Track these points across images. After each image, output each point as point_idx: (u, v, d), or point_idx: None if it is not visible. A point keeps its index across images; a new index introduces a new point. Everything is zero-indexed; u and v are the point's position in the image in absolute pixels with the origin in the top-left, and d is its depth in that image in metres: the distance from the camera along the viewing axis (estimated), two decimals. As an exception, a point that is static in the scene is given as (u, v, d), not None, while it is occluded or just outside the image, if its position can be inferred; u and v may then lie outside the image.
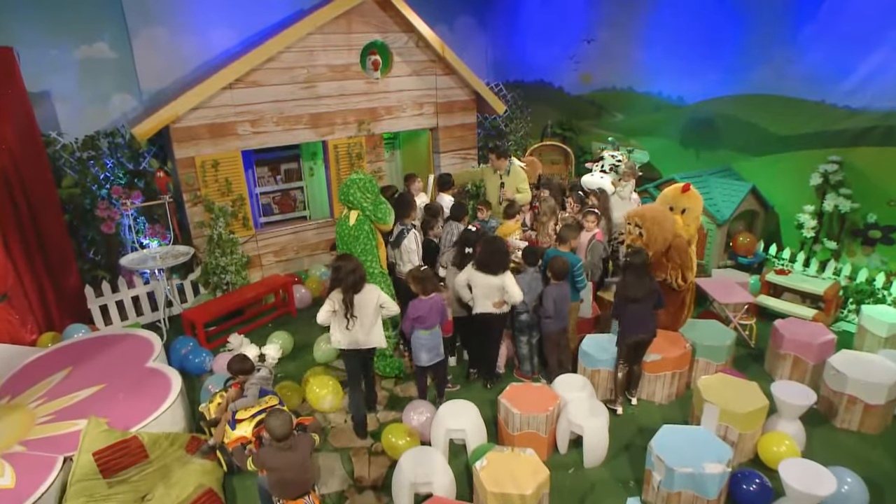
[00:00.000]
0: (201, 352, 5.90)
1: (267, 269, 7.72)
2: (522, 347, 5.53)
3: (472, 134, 9.06)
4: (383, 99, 8.02)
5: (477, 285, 5.12)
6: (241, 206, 7.29)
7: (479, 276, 5.08)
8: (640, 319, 4.78)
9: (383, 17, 7.68)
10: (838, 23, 6.37)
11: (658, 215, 5.27)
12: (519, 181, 7.10)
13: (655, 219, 5.24)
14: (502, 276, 5.01)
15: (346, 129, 7.82)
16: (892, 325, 5.62)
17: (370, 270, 5.27)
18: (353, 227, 5.23)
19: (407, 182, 7.34)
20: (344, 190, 5.26)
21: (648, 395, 5.27)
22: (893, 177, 6.33)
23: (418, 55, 8.13)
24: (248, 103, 7.06)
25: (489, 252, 5.01)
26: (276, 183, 8.40)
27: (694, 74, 7.83)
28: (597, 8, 8.92)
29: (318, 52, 7.33)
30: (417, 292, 4.85)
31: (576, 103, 9.66)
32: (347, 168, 7.92)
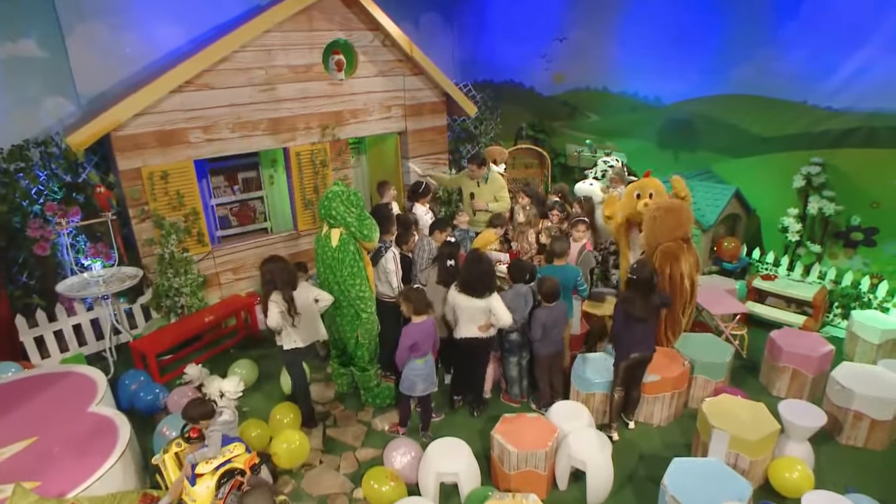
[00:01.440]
0: (154, 387, 5.28)
1: (226, 289, 7.09)
2: (511, 370, 5.13)
3: (442, 137, 8.62)
4: (348, 101, 7.49)
5: (460, 308, 4.69)
6: (195, 220, 6.64)
7: (462, 299, 4.65)
8: (642, 338, 4.44)
9: (347, 13, 7.15)
10: (821, 22, 6.22)
11: (670, 213, 4.96)
12: (497, 188, 6.72)
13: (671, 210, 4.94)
14: (489, 298, 4.59)
15: (309, 135, 7.26)
16: (884, 331, 5.50)
17: (360, 295, 4.78)
18: (336, 248, 4.70)
19: (381, 190, 6.84)
20: (325, 204, 4.73)
21: (646, 418, 4.96)
22: (876, 179, 6.22)
23: (385, 54, 7.63)
24: (201, 108, 6.42)
25: (474, 273, 4.58)
26: (233, 193, 7.76)
27: (671, 74, 7.60)
28: (569, 5, 8.61)
29: (276, 51, 6.74)
30: (408, 315, 4.40)
31: (548, 104, 9.35)
32: (311, 176, 7.36)
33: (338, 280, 4.82)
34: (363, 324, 4.93)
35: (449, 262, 5.02)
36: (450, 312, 4.85)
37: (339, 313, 4.99)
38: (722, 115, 7.24)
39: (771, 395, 5.25)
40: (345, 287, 4.79)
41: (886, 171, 6.11)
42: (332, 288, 4.89)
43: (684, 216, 5.00)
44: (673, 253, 4.98)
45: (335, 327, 5.15)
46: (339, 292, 4.88)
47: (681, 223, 4.97)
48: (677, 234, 4.98)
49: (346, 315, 4.97)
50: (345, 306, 4.93)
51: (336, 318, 5.05)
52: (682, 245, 5.00)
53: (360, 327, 4.96)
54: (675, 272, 5.01)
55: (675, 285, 5.05)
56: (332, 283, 4.88)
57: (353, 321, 4.99)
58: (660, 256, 5.03)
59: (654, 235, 5.05)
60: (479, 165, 6.64)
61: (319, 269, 4.99)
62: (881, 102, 5.99)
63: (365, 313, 4.88)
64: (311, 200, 7.43)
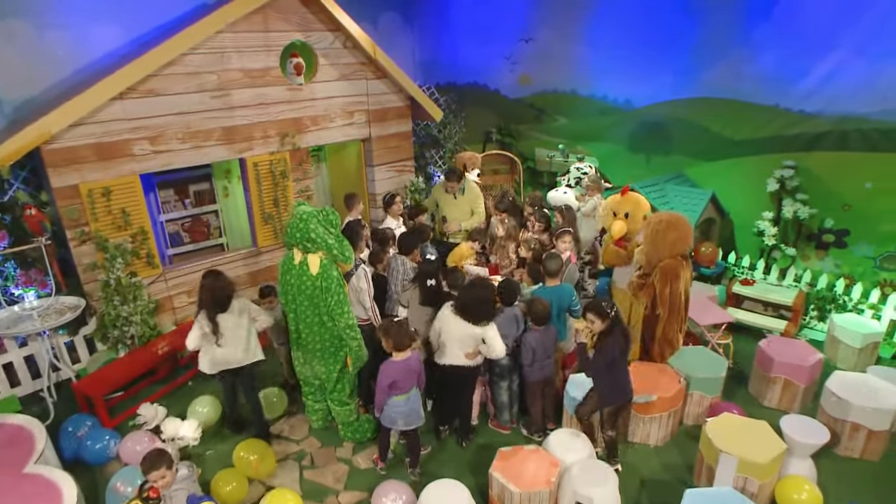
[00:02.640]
0: (103, 434, 4.70)
1: (181, 313, 6.49)
2: (501, 395, 4.83)
3: (407, 143, 8.23)
4: (309, 108, 7.01)
5: (450, 332, 4.35)
6: (144, 240, 6.02)
7: (456, 323, 4.30)
8: (627, 379, 4.23)
9: (305, 13, 6.66)
10: (792, 26, 6.21)
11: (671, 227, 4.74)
12: (473, 198, 6.41)
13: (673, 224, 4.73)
14: (485, 326, 4.27)
15: (268, 144, 6.74)
16: (866, 335, 5.51)
17: (350, 323, 4.33)
18: (318, 275, 4.23)
19: (349, 204, 6.40)
20: (300, 227, 4.21)
21: (643, 438, 4.76)
22: (847, 181, 6.27)
23: (346, 57, 7.18)
24: (146, 116, 5.81)
25: (474, 298, 4.25)
26: (184, 208, 7.15)
27: (642, 76, 7.49)
28: (535, 5, 8.39)
29: (230, 53, 6.19)
30: (388, 350, 4.01)
31: (514, 107, 9.11)
32: (271, 189, 6.84)
33: (320, 312, 4.35)
34: (353, 352, 4.48)
35: (429, 282, 4.67)
36: (435, 335, 4.50)
37: (318, 347, 4.51)
38: (694, 119, 7.18)
39: (762, 406, 5.16)
40: (333, 317, 4.32)
41: (857, 174, 6.16)
42: (312, 322, 4.40)
43: (686, 230, 4.79)
44: (674, 270, 4.77)
45: (310, 362, 4.67)
46: (320, 325, 4.42)
47: (683, 238, 4.76)
48: (678, 249, 4.77)
49: (327, 348, 4.51)
50: (326, 339, 4.47)
51: (316, 353, 4.56)
52: (681, 262, 4.80)
53: (350, 356, 4.52)
54: (675, 290, 4.81)
55: (674, 303, 4.86)
56: (310, 315, 4.39)
57: (337, 353, 4.54)
58: (660, 274, 4.81)
59: (656, 251, 4.80)
60: (457, 180, 6.32)
61: (293, 303, 4.44)
62: (851, 106, 6.03)
63: (355, 341, 4.42)
64: (271, 214, 6.92)
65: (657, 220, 4.88)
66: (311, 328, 4.45)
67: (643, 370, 4.85)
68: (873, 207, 6.13)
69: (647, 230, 4.97)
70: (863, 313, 6.04)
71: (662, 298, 4.91)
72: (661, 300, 4.92)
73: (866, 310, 6.03)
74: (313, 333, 4.47)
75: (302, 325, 4.49)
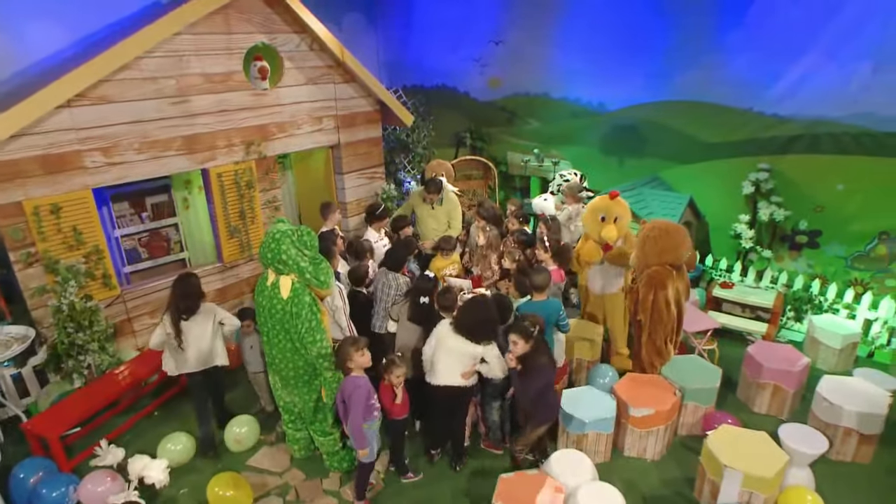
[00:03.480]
0: (60, 479, 4.23)
1: (142, 337, 6.02)
2: (493, 414, 4.64)
3: (377, 149, 7.94)
4: (275, 114, 6.63)
5: (448, 350, 4.13)
6: (99, 260, 5.54)
7: (455, 341, 4.09)
8: (556, 398, 4.31)
9: (269, 14, 6.29)
10: (764, 31, 6.25)
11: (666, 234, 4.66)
12: (451, 209, 6.21)
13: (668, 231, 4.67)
14: (486, 346, 4.07)
15: (232, 153, 6.33)
16: (845, 336, 5.59)
17: (322, 352, 4.03)
18: (289, 300, 3.92)
19: (324, 214, 6.08)
20: (272, 247, 3.92)
21: (639, 453, 4.66)
22: (819, 183, 6.37)
23: (313, 60, 6.84)
24: (98, 125, 5.34)
25: (478, 319, 4.06)
26: (141, 222, 6.66)
27: (615, 80, 7.44)
28: (505, 6, 8.22)
29: (189, 57, 5.77)
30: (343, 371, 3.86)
31: (485, 110, 8.94)
32: (236, 200, 6.43)
33: (292, 338, 4.05)
34: (328, 383, 4.20)
35: (422, 299, 4.44)
36: (429, 353, 4.27)
37: (292, 375, 4.20)
38: (668, 122, 7.17)
39: (753, 413, 5.15)
40: (303, 345, 4.04)
41: (829, 177, 6.26)
42: (284, 347, 4.11)
43: (679, 240, 4.70)
44: (660, 279, 4.69)
45: (287, 389, 4.36)
46: (293, 351, 4.12)
47: (675, 246, 4.67)
48: (667, 258, 4.69)
49: (301, 376, 4.21)
50: (300, 366, 4.18)
51: (289, 380, 4.24)
52: (670, 271, 4.72)
53: (324, 387, 4.24)
54: (658, 298, 4.72)
55: (657, 312, 4.78)
56: (283, 341, 4.09)
57: (311, 382, 4.25)
58: (645, 280, 4.72)
59: (645, 256, 4.72)
60: (437, 192, 6.10)
61: (265, 326, 4.15)
62: (824, 110, 6.12)
63: (329, 371, 4.14)
64: (238, 228, 6.52)
65: (652, 227, 4.80)
66: (283, 353, 4.16)
67: (638, 383, 4.76)
68: (845, 209, 6.25)
69: (640, 235, 4.90)
70: (838, 313, 6.16)
71: (644, 304, 4.84)
72: (643, 306, 4.85)
73: (841, 309, 6.15)
74: (286, 360, 4.17)
75: (275, 349, 4.19)
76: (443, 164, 7.48)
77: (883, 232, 6.13)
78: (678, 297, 4.81)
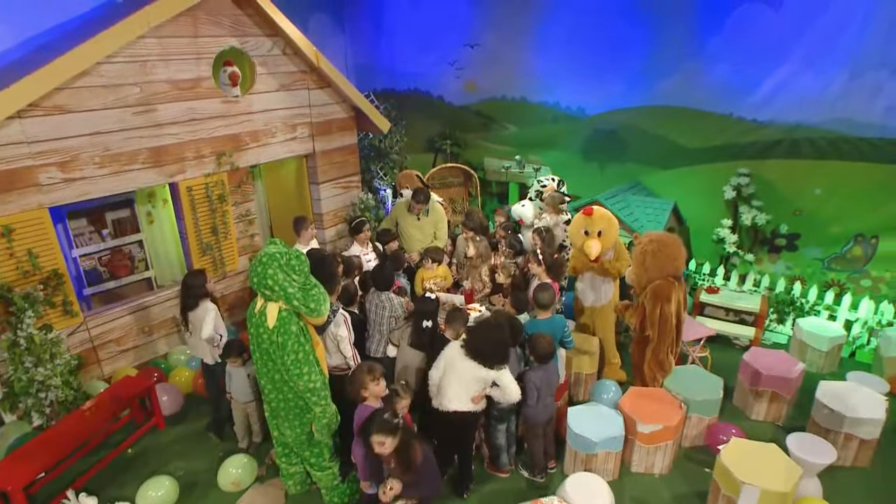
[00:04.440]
0: (28, 537, 3.80)
1: (109, 366, 5.56)
2: (499, 437, 4.46)
3: (353, 158, 7.63)
4: (247, 122, 6.25)
5: (458, 374, 3.92)
6: (58, 285, 5.05)
7: (465, 366, 3.88)
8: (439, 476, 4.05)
9: (239, 16, 5.91)
10: (745, 37, 6.31)
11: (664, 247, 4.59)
12: (437, 221, 6.00)
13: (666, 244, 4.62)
14: (499, 370, 3.88)
15: (203, 165, 5.92)
16: (831, 338, 5.69)
17: (310, 387, 3.72)
18: (274, 329, 3.62)
19: (297, 228, 5.75)
20: (259, 271, 3.60)
21: (647, 468, 4.58)
22: (798, 188, 6.50)
23: (286, 65, 6.49)
24: (53, 138, 4.86)
25: (491, 342, 3.84)
26: (102, 240, 6.14)
27: (595, 84, 7.40)
28: (480, 9, 8.05)
29: (154, 62, 5.34)
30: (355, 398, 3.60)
31: (460, 114, 8.76)
32: (208, 215, 6.02)
33: (279, 369, 3.75)
34: (318, 419, 3.90)
35: (425, 323, 4.22)
36: (436, 378, 4.05)
37: (282, 406, 3.90)
38: (649, 127, 7.18)
39: (751, 420, 5.17)
40: (289, 377, 3.72)
41: (808, 181, 6.39)
42: (272, 378, 3.79)
43: (678, 251, 4.65)
44: (665, 292, 4.62)
45: (277, 421, 4.04)
46: (282, 382, 3.80)
47: (675, 258, 4.62)
48: (668, 270, 4.63)
49: (291, 409, 3.90)
50: (290, 398, 3.87)
51: (279, 412, 3.93)
52: (673, 283, 4.66)
53: (314, 423, 3.94)
54: (665, 312, 4.66)
55: (665, 325, 4.72)
56: (271, 371, 3.78)
57: (303, 415, 3.94)
58: (651, 295, 4.64)
59: (646, 271, 4.64)
60: (424, 202, 5.87)
61: (255, 355, 3.84)
62: (802, 116, 6.23)
63: (319, 407, 3.83)
64: (210, 244, 6.11)
65: (648, 241, 4.72)
66: (273, 384, 3.85)
67: (642, 397, 4.68)
68: (822, 212, 6.40)
69: (637, 250, 4.81)
70: (819, 314, 6.29)
71: (652, 320, 4.77)
72: (651, 322, 4.78)
73: (822, 311, 6.28)
74: (276, 391, 3.86)
75: (264, 379, 3.88)
76: (411, 175, 7.20)
77: (858, 234, 6.31)
78: (679, 309, 4.76)
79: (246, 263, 6.59)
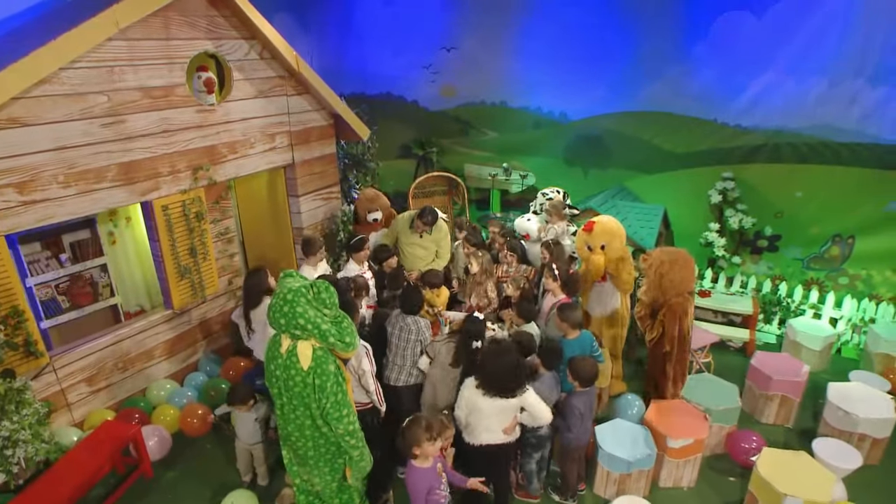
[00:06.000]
0: None
1: (79, 409, 4.94)
2: (532, 464, 4.27)
3: (332, 168, 7.21)
4: (223, 132, 5.73)
5: (481, 412, 3.68)
6: (20, 323, 4.42)
7: (485, 402, 3.65)
8: None
9: (215, 17, 5.40)
10: (728, 45, 6.42)
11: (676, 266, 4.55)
12: (441, 238, 5.74)
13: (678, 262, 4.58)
14: (522, 394, 3.67)
15: (178, 181, 5.37)
16: (825, 338, 5.87)
17: (349, 429, 3.38)
18: (310, 370, 3.25)
19: (307, 251, 5.35)
20: (284, 310, 3.20)
21: (675, 482, 4.53)
22: (779, 191, 6.70)
23: (264, 70, 6.01)
24: (8, 155, 4.22)
25: (503, 370, 3.59)
26: (60, 265, 5.47)
27: (578, 89, 7.36)
28: (456, 12, 7.83)
29: (123, 67, 4.76)
30: (405, 453, 3.30)
31: (436, 119, 8.51)
32: (185, 236, 5.48)
33: (312, 414, 3.38)
34: (354, 462, 3.57)
35: (475, 344, 4.00)
36: (462, 416, 3.81)
37: (311, 454, 3.54)
38: (633, 132, 7.21)
39: (760, 423, 5.24)
40: (328, 421, 3.37)
41: (789, 184, 6.59)
42: (302, 424, 3.41)
43: (691, 267, 4.65)
44: (683, 308, 4.59)
45: (304, 468, 3.66)
46: (313, 428, 3.45)
47: (688, 275, 4.61)
48: (684, 287, 4.61)
49: (322, 455, 3.55)
50: (321, 445, 3.52)
51: (308, 460, 3.57)
52: (688, 297, 4.64)
53: (349, 466, 3.61)
54: (683, 327, 4.63)
55: (682, 340, 4.69)
56: (301, 417, 3.40)
57: (335, 461, 3.60)
58: (670, 313, 4.60)
59: (664, 292, 4.60)
60: (432, 222, 5.59)
61: (279, 398, 3.44)
62: (783, 121, 6.43)
63: (356, 450, 3.50)
64: (189, 267, 5.56)
65: (660, 262, 4.67)
66: (301, 431, 3.47)
67: (666, 411, 4.62)
68: (803, 214, 6.63)
69: (651, 272, 4.76)
70: (804, 313, 6.50)
71: (671, 337, 4.74)
72: (670, 338, 4.75)
73: (807, 309, 6.50)
74: (305, 438, 3.49)
75: (291, 425, 3.50)
76: (376, 196, 6.71)
77: (836, 234, 6.57)
78: (690, 320, 4.76)
79: (226, 285, 6.08)
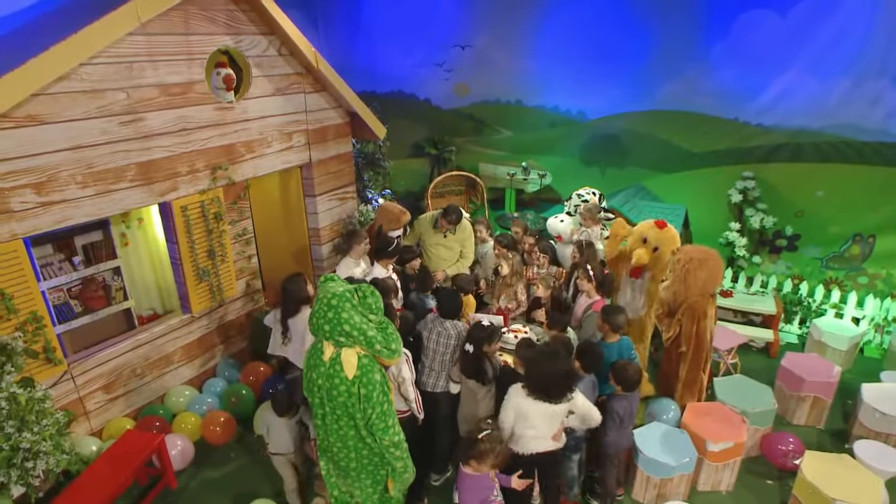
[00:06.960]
0: None
1: (97, 417, 4.78)
2: (572, 469, 4.18)
3: (349, 167, 7.06)
4: (242, 131, 5.57)
5: (530, 418, 3.58)
6: (38, 329, 4.25)
7: (535, 407, 3.55)
8: None
9: (233, 11, 5.25)
10: (749, 43, 6.36)
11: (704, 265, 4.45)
12: (465, 239, 5.63)
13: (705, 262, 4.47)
14: (571, 399, 3.57)
15: (196, 181, 5.21)
16: (850, 338, 5.84)
17: (395, 441, 3.27)
18: (356, 379, 3.12)
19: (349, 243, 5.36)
20: (328, 316, 3.07)
21: (714, 486, 4.47)
22: (801, 190, 6.67)
23: (282, 67, 5.87)
24: (26, 155, 4.05)
25: (554, 376, 3.49)
26: (73, 268, 5.28)
27: (596, 88, 7.27)
28: (470, 9, 7.71)
29: (142, 64, 4.60)
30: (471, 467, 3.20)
31: (450, 118, 8.39)
32: (204, 237, 5.32)
33: (357, 424, 3.26)
34: (397, 474, 3.45)
35: (468, 346, 3.95)
36: (507, 425, 3.69)
37: (353, 466, 3.41)
38: (652, 131, 7.15)
39: (792, 425, 5.20)
40: (374, 431, 3.26)
41: (810, 183, 6.56)
42: (346, 434, 3.29)
43: (718, 268, 4.56)
44: (702, 309, 4.51)
45: (345, 480, 3.53)
46: (356, 439, 3.32)
47: (714, 276, 4.53)
48: (710, 288, 4.54)
49: (364, 466, 3.43)
50: (364, 456, 3.40)
51: (350, 472, 3.45)
52: (710, 299, 4.57)
53: (392, 477, 3.49)
54: (702, 328, 4.56)
55: (700, 342, 4.61)
56: (344, 427, 3.28)
57: (377, 472, 3.48)
58: (689, 312, 4.53)
59: (687, 290, 4.51)
60: (456, 221, 5.48)
61: (320, 408, 3.30)
62: (804, 121, 6.39)
63: (400, 462, 3.40)
64: (207, 269, 5.40)
65: (688, 259, 4.57)
66: (343, 441, 3.34)
67: (703, 414, 4.55)
68: (823, 213, 6.61)
69: (677, 268, 4.66)
70: (825, 313, 6.48)
71: (687, 336, 4.66)
72: (686, 338, 4.68)
73: (829, 309, 6.48)
74: (347, 449, 3.36)
75: (333, 436, 3.37)
76: (394, 212, 5.93)
77: (857, 233, 6.55)
78: (711, 323, 4.68)
79: (243, 287, 5.92)
